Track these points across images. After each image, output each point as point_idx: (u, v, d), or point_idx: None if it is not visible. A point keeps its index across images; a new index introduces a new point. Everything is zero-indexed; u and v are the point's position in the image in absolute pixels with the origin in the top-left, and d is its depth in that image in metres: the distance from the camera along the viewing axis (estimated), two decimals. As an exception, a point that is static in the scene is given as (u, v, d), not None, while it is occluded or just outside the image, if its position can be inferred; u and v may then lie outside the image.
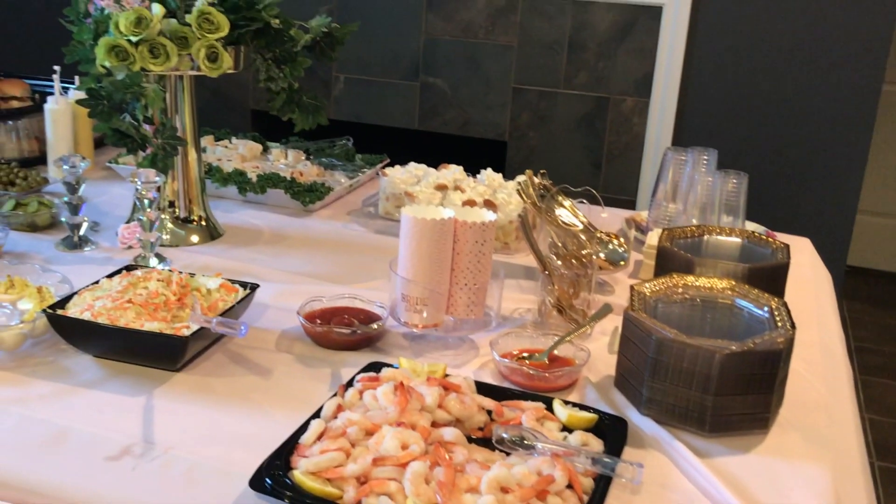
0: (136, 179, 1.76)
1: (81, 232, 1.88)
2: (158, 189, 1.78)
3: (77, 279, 1.61)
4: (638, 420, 1.29)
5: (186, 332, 1.37)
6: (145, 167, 1.77)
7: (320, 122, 1.93)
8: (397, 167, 2.16)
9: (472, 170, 2.19)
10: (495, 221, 1.47)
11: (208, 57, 1.73)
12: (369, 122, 3.60)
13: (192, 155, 1.95)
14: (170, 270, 1.53)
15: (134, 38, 1.68)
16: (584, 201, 1.70)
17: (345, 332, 1.46)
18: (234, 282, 1.55)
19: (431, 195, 1.97)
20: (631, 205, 3.32)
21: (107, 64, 1.69)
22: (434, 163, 2.23)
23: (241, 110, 3.79)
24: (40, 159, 2.37)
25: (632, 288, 1.39)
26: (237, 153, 2.45)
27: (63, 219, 1.88)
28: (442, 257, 1.44)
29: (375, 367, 1.35)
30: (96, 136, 2.42)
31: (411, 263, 1.44)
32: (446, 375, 1.33)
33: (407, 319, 1.47)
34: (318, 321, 1.50)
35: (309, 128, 1.92)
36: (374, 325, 1.47)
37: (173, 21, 1.73)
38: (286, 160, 2.44)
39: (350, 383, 1.29)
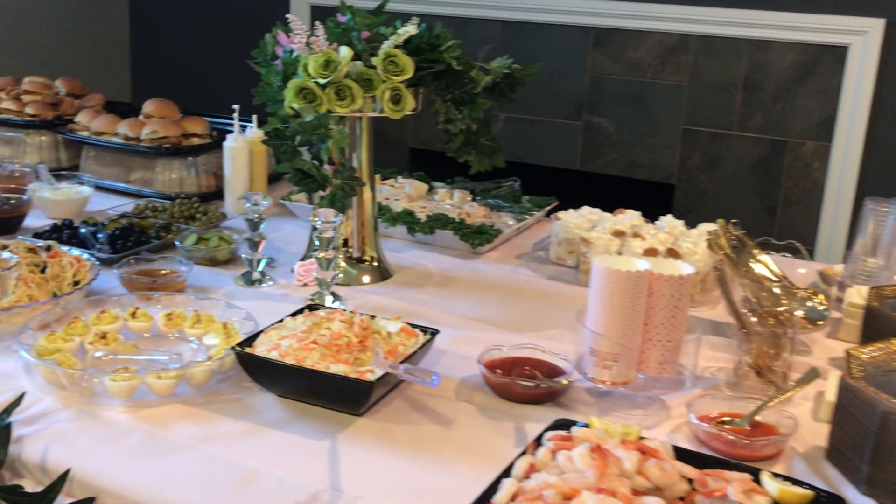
0: (315, 218, 1.77)
1: (260, 268, 1.91)
2: (335, 228, 1.79)
3: (256, 315, 1.62)
4: (857, 499, 1.17)
5: (371, 377, 1.34)
6: (324, 206, 1.78)
7: (497, 165, 1.89)
8: (570, 211, 2.10)
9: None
10: (693, 275, 1.38)
11: (392, 99, 1.73)
12: (529, 161, 3.55)
13: (367, 194, 1.95)
14: (351, 312, 1.52)
15: (322, 81, 1.70)
16: (789, 255, 1.59)
17: (529, 385, 1.40)
18: (413, 326, 1.53)
19: (609, 242, 1.90)
20: (808, 255, 3.13)
21: (295, 105, 1.72)
22: (596, 204, 2.17)
23: (400, 149, 3.83)
24: (216, 195, 2.44)
25: (848, 353, 1.28)
26: (403, 192, 2.45)
27: (243, 255, 1.92)
28: (635, 311, 1.37)
29: (563, 424, 1.28)
30: (270, 172, 2.48)
31: (602, 316, 1.37)
32: (641, 438, 1.25)
33: (595, 375, 1.40)
34: (499, 371, 1.45)
35: (485, 170, 1.89)
36: (563, 381, 1.41)
37: (359, 63, 1.74)
38: (452, 200, 2.43)
39: (539, 440, 1.24)
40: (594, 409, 1.41)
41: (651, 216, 2.09)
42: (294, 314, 1.55)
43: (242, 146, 2.35)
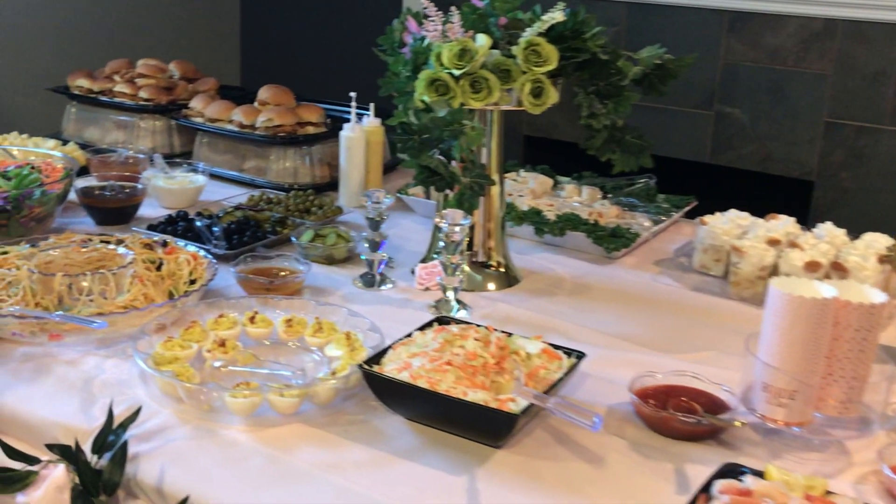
0: (441, 220, 1.64)
1: (379, 269, 1.80)
2: (463, 231, 1.65)
3: (377, 320, 1.50)
4: None
5: (515, 408, 1.21)
6: (452, 207, 1.65)
7: (644, 165, 1.73)
8: (717, 215, 1.92)
9: (770, 211, 1.92)
10: (886, 304, 1.20)
11: (533, 92, 1.58)
12: (654, 152, 3.35)
13: (495, 192, 1.81)
14: (486, 328, 1.39)
15: (456, 72, 1.56)
16: None
17: (689, 422, 1.25)
18: (556, 347, 1.38)
19: (763, 252, 1.72)
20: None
21: (426, 98, 1.59)
22: (728, 200, 1.99)
23: (514, 135, 3.68)
24: (331, 185, 2.34)
25: None
26: (527, 188, 2.30)
27: (363, 255, 1.81)
28: (818, 343, 1.20)
29: (732, 470, 1.13)
30: (385, 162, 2.37)
31: (779, 348, 1.20)
32: (828, 493, 1.08)
33: (766, 412, 1.24)
34: (653, 402, 1.30)
35: (630, 170, 1.73)
36: (737, 422, 1.24)
37: (496, 53, 1.60)
38: (580, 197, 2.27)
39: (707, 489, 1.08)
40: (762, 451, 1.25)
41: (789, 215, 1.90)
42: (423, 328, 1.43)
43: (359, 136, 2.24)
